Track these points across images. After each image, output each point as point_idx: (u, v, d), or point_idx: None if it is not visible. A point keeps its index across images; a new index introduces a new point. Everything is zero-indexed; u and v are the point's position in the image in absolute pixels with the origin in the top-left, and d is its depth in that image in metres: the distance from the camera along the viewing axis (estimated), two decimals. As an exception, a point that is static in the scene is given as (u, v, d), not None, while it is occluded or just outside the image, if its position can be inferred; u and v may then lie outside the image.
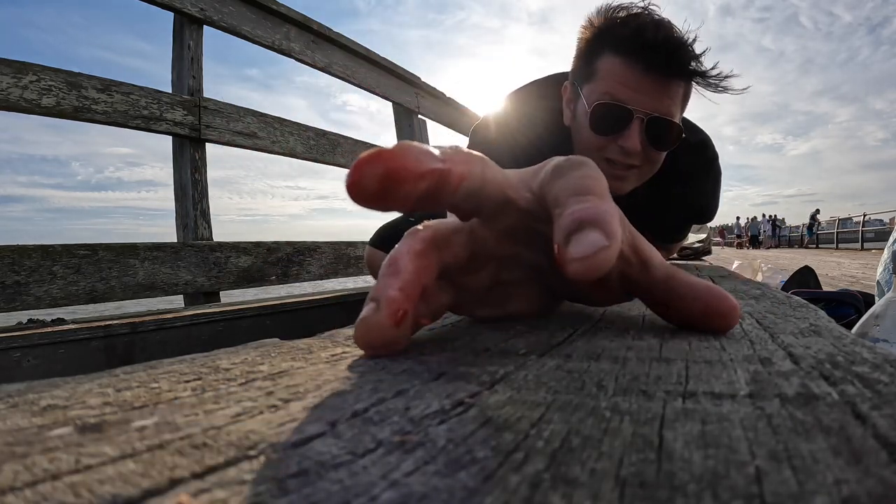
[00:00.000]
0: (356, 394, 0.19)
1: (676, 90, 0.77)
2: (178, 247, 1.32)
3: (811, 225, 21.70)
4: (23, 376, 0.79)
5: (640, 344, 0.27)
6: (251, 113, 1.58)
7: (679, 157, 0.86)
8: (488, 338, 0.30)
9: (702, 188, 0.97)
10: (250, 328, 1.12)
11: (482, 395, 0.19)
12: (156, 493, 0.11)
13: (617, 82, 0.75)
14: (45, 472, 0.12)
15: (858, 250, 13.30)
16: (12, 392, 0.18)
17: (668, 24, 0.75)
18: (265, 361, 0.24)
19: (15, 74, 1.07)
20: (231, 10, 1.57)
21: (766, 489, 0.11)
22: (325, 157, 1.84)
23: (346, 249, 1.82)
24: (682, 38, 0.75)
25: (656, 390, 0.19)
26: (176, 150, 1.45)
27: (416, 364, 0.24)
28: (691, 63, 0.75)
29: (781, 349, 0.25)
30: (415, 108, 2.48)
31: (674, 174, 0.89)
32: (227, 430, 0.15)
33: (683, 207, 0.98)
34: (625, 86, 0.75)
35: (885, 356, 0.22)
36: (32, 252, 1.04)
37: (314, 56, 1.87)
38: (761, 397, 0.18)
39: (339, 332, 0.33)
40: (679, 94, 0.78)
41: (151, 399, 0.18)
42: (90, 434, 0.15)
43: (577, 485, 0.11)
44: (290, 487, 0.11)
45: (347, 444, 0.14)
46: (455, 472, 0.12)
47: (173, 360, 0.24)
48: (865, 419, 0.15)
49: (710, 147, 0.95)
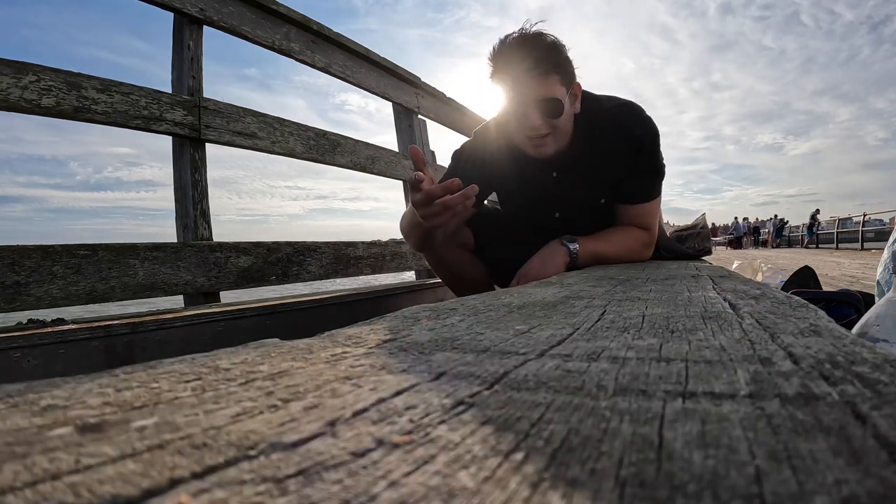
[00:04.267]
0: (356, 394, 0.19)
1: (549, 76, 1.09)
2: (178, 247, 1.32)
3: (811, 225, 21.69)
4: (23, 376, 0.79)
5: (640, 344, 0.27)
6: (251, 113, 1.58)
7: (596, 120, 1.20)
8: (488, 338, 0.30)
9: (630, 139, 1.22)
10: (250, 328, 1.12)
11: (482, 394, 0.19)
12: (156, 493, 0.11)
13: (510, 89, 1.12)
14: (45, 472, 0.12)
15: (858, 250, 13.30)
16: (12, 392, 0.18)
17: (530, 35, 1.10)
18: (265, 361, 0.24)
19: (15, 74, 1.07)
20: (231, 10, 1.57)
21: (766, 489, 0.11)
22: (325, 157, 1.84)
23: (345, 249, 1.82)
24: (537, 40, 1.09)
25: (656, 390, 0.19)
26: (176, 150, 1.44)
27: (416, 364, 0.24)
28: (546, 55, 1.09)
29: (781, 349, 0.25)
30: (415, 108, 2.48)
31: (599, 130, 1.21)
32: (227, 430, 0.15)
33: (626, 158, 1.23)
34: (514, 88, 1.11)
35: (885, 356, 0.22)
36: (32, 252, 1.04)
37: (314, 56, 1.87)
38: (761, 397, 0.18)
39: (339, 332, 0.33)
40: (554, 77, 1.10)
41: (151, 399, 0.18)
42: (90, 434, 0.15)
43: (577, 485, 0.11)
44: (290, 487, 0.11)
45: (347, 444, 0.14)
46: (455, 472, 0.12)
47: (173, 360, 0.24)
48: (865, 419, 0.15)
49: (628, 107, 1.24)
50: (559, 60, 1.12)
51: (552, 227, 1.31)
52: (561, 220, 1.33)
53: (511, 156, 1.26)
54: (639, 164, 1.25)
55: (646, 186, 1.29)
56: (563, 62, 1.13)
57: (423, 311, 0.44)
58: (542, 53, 1.09)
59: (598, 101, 1.25)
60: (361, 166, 1.96)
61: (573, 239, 1.23)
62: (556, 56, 1.11)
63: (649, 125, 1.24)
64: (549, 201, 1.32)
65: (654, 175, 1.29)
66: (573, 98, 1.17)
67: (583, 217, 1.32)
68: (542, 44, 1.10)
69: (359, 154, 1.94)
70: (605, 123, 1.22)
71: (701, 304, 0.45)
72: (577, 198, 1.30)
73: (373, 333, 0.33)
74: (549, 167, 1.26)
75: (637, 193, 1.29)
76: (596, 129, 1.22)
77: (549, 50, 1.11)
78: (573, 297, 0.54)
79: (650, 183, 1.29)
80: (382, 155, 2.10)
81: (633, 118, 1.24)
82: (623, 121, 1.23)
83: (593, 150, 1.23)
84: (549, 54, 1.10)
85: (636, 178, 1.27)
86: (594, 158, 1.24)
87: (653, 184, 1.30)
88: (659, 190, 1.32)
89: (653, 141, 1.24)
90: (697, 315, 0.38)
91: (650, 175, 1.28)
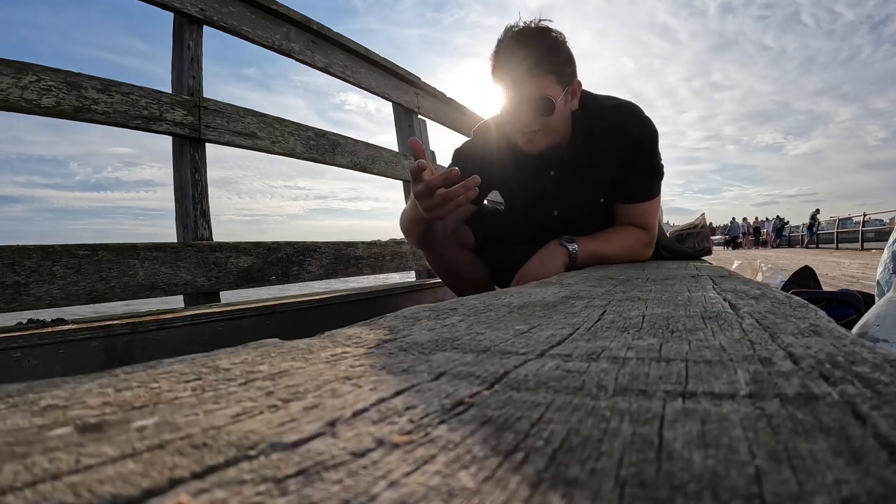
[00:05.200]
0: (356, 394, 0.19)
1: (545, 74, 1.11)
2: (178, 247, 1.32)
3: (811, 225, 21.69)
4: (23, 376, 0.79)
5: (640, 344, 0.27)
6: (251, 113, 1.58)
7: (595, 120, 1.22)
8: (488, 338, 0.30)
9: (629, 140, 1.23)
10: (250, 328, 1.12)
11: (482, 394, 0.19)
12: (156, 493, 0.11)
13: (505, 85, 1.14)
14: (45, 472, 0.12)
15: (858, 250, 13.30)
16: (12, 392, 0.18)
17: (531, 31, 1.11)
18: (265, 361, 0.24)
19: (15, 74, 1.07)
20: (231, 10, 1.57)
21: (766, 489, 0.11)
22: (325, 157, 1.84)
23: (345, 249, 1.82)
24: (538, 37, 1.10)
25: (656, 390, 0.19)
26: (176, 150, 1.44)
27: (416, 364, 0.24)
28: (544, 54, 1.10)
29: (781, 349, 0.25)
30: (415, 107, 2.48)
31: (598, 130, 1.22)
32: (227, 430, 0.15)
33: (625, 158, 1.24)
34: (508, 85, 1.13)
35: (885, 356, 0.22)
36: (32, 252, 1.04)
37: (314, 56, 1.87)
38: (761, 397, 0.18)
39: (339, 332, 0.33)
40: (550, 75, 1.11)
41: (151, 399, 0.18)
42: (90, 434, 0.15)
43: (577, 485, 0.11)
44: (290, 487, 0.11)
45: (347, 444, 0.14)
46: (455, 472, 0.12)
47: (173, 360, 0.24)
48: (865, 419, 0.15)
49: (627, 108, 1.25)
50: (557, 60, 1.13)
51: (551, 226, 1.31)
52: (560, 220, 1.33)
53: (510, 154, 1.27)
54: (638, 165, 1.26)
55: (645, 186, 1.30)
56: (562, 61, 1.14)
57: (423, 311, 0.44)
58: (539, 53, 1.10)
59: (597, 100, 1.26)
60: (361, 166, 1.96)
61: (572, 239, 1.23)
62: (555, 55, 1.12)
63: (648, 126, 1.25)
64: (547, 200, 1.32)
65: (653, 175, 1.30)
66: (571, 95, 1.17)
67: (582, 217, 1.32)
68: (542, 43, 1.11)
69: (359, 154, 1.94)
70: (605, 123, 1.23)
71: (701, 304, 0.45)
72: (575, 197, 1.30)
73: (373, 333, 0.33)
74: (546, 165, 1.26)
75: (636, 193, 1.30)
76: (595, 129, 1.23)
77: (548, 50, 1.12)
78: (573, 297, 0.54)
79: (649, 183, 1.30)
80: (382, 155, 2.10)
81: (632, 118, 1.25)
82: (622, 121, 1.24)
83: (592, 149, 1.24)
84: (547, 54, 1.11)
85: (635, 178, 1.28)
86: (593, 158, 1.25)
87: (652, 183, 1.31)
88: (658, 190, 1.33)
89: (652, 141, 1.25)
90: (697, 315, 0.38)
91: (649, 175, 1.29)
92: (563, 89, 1.14)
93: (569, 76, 1.15)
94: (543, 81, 1.12)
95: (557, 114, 1.14)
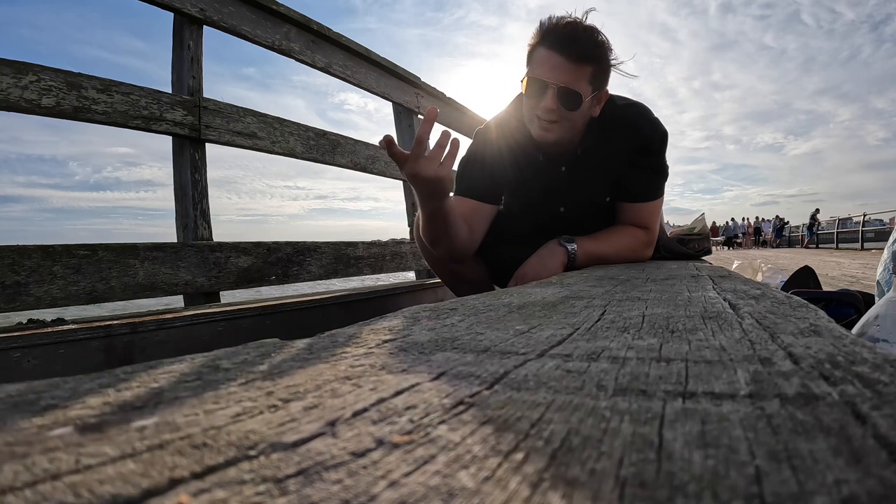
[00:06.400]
0: (356, 394, 0.19)
1: (583, 70, 1.10)
2: (178, 247, 1.32)
3: (811, 225, 21.68)
4: (23, 376, 0.79)
5: (640, 344, 0.27)
6: (251, 113, 1.58)
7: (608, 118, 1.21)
8: (488, 338, 0.30)
9: (640, 138, 1.24)
10: (250, 328, 1.12)
11: (482, 394, 0.19)
12: (156, 493, 0.11)
13: (539, 65, 1.12)
14: (45, 472, 0.12)
15: (858, 250, 13.29)
16: (12, 392, 0.18)
17: (583, 25, 1.11)
18: (265, 361, 0.24)
19: (15, 74, 1.07)
20: (231, 10, 1.57)
21: (766, 489, 0.11)
22: (325, 157, 1.84)
23: (345, 249, 1.82)
24: (587, 34, 1.10)
25: (656, 390, 0.19)
26: (176, 150, 1.44)
27: (416, 364, 0.24)
28: (589, 51, 1.10)
29: (781, 349, 0.25)
30: (415, 107, 2.48)
31: (610, 129, 1.22)
32: (227, 430, 0.15)
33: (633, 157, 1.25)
34: (543, 66, 1.12)
35: (885, 356, 0.22)
36: (32, 252, 1.04)
37: (314, 56, 1.87)
38: (761, 397, 0.18)
39: (339, 332, 0.33)
40: (586, 73, 1.11)
41: (151, 399, 0.18)
42: (90, 434, 0.15)
43: (577, 485, 0.11)
44: (290, 487, 0.11)
45: (347, 444, 0.14)
46: (455, 472, 0.12)
47: (173, 360, 0.24)
48: (865, 419, 0.15)
49: (638, 108, 1.26)
50: (599, 63, 1.13)
51: (555, 224, 1.31)
52: (565, 217, 1.32)
53: (518, 150, 1.26)
54: (644, 164, 1.26)
55: (650, 186, 1.30)
56: (602, 67, 1.14)
57: (423, 311, 0.44)
58: (589, 50, 1.10)
59: (611, 98, 1.26)
60: (361, 166, 1.96)
61: (571, 239, 1.23)
62: (599, 58, 1.12)
63: (659, 126, 1.25)
64: (555, 196, 1.31)
65: (658, 175, 1.30)
66: (596, 101, 1.17)
67: (586, 215, 1.32)
68: (593, 41, 1.11)
69: (359, 154, 1.94)
70: (617, 122, 1.23)
71: (701, 304, 0.45)
72: (583, 193, 1.30)
73: (373, 333, 0.33)
74: (558, 162, 1.26)
75: (640, 192, 1.30)
76: (608, 126, 1.23)
77: (597, 49, 1.12)
78: (573, 297, 0.54)
79: (654, 183, 1.31)
80: (382, 155, 2.10)
81: (643, 119, 1.25)
82: (634, 121, 1.24)
83: (604, 145, 1.24)
84: (595, 53, 1.11)
85: (641, 178, 1.28)
86: (604, 154, 1.25)
87: (657, 184, 1.31)
88: (662, 190, 1.33)
89: (661, 142, 1.26)
90: (697, 315, 0.38)
91: (655, 175, 1.30)
92: (592, 93, 1.14)
93: (601, 83, 1.16)
94: (580, 75, 1.11)
95: (580, 112, 1.14)
